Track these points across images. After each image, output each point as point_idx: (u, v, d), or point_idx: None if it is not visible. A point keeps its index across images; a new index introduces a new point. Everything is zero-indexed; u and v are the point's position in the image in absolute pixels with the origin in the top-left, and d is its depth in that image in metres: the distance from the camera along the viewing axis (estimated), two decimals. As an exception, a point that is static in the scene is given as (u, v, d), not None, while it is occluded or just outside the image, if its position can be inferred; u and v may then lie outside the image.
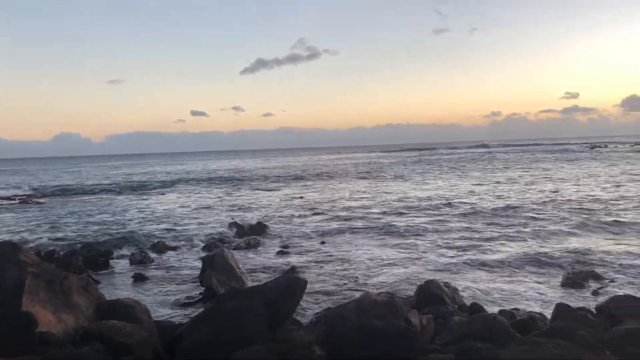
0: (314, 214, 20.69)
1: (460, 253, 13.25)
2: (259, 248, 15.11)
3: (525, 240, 14.57)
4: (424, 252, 13.58)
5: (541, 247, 13.67)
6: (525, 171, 43.57)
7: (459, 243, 14.45)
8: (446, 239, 15.13)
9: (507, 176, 38.60)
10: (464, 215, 19.60)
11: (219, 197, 30.64)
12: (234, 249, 14.38)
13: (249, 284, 10.98)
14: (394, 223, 18.15)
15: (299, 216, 20.73)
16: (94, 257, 13.46)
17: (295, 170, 58.44)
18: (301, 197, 27.85)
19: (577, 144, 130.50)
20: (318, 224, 18.50)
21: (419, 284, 8.53)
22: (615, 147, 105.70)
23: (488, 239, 14.83)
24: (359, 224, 18.22)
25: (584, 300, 9.37)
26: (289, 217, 20.52)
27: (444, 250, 13.60)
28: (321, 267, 12.44)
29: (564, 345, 4.73)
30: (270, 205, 25.39)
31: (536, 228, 16.25)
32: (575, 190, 27.02)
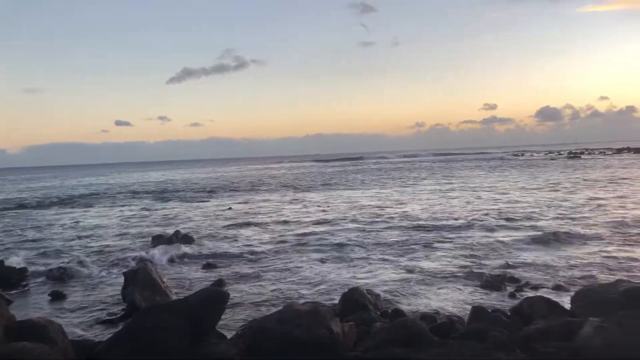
0: (243, 226, 20.48)
1: (388, 260, 13.52)
2: (185, 261, 14.79)
3: (450, 245, 15.08)
4: (355, 260, 13.75)
5: (464, 251, 14.18)
6: (451, 179, 45.21)
7: (388, 251, 14.75)
8: (377, 247, 15.39)
9: (434, 184, 39.90)
10: (394, 222, 20.05)
11: (143, 210, 29.76)
12: (158, 263, 14.01)
13: (174, 298, 10.72)
14: (326, 234, 18.29)
15: (228, 228, 20.47)
16: (6, 274, 12.69)
17: (224, 181, 57.73)
18: (230, 209, 27.52)
19: (503, 152, 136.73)
20: (247, 236, 18.34)
21: (344, 291, 8.65)
22: (531, 155, 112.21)
23: (415, 246, 15.23)
24: (290, 235, 18.21)
25: (501, 302, 9.80)
26: (217, 229, 20.22)
27: (373, 259, 13.82)
28: (250, 279, 12.34)
29: (476, 347, 4.94)
30: (198, 217, 24.95)
31: (461, 234, 16.86)
32: (497, 196, 28.32)
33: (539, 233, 16.28)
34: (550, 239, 15.21)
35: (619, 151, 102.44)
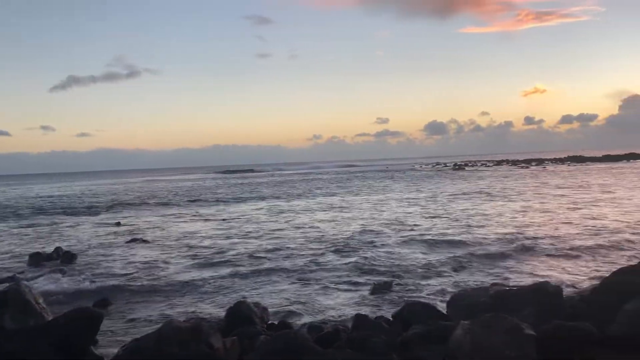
0: (132, 242, 19.55)
1: (283, 272, 13.50)
2: (64, 279, 13.84)
3: (343, 254, 15.36)
4: (245, 272, 13.59)
5: (356, 259, 14.50)
6: (349, 190, 46.28)
7: (285, 263, 14.73)
8: (274, 259, 15.31)
9: (334, 195, 40.61)
10: (290, 234, 20.13)
11: (21, 225, 27.57)
12: (34, 283, 12.99)
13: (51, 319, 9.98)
14: (218, 246, 17.99)
15: (115, 245, 19.46)
16: None
17: (113, 195, 55.00)
18: (118, 224, 26.24)
19: (398, 163, 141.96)
20: (136, 253, 17.54)
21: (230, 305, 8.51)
22: (421, 166, 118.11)
23: (310, 256, 15.34)
24: (184, 250, 17.67)
25: (388, 307, 10.09)
26: (104, 246, 19.17)
27: (270, 271, 13.74)
28: (138, 295, 11.79)
29: (353, 356, 5.05)
30: (82, 233, 23.53)
31: (354, 242, 17.25)
32: (396, 206, 29.42)
33: (428, 239, 17.11)
34: (436, 245, 16.01)
35: (499, 163, 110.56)
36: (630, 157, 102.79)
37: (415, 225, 21.03)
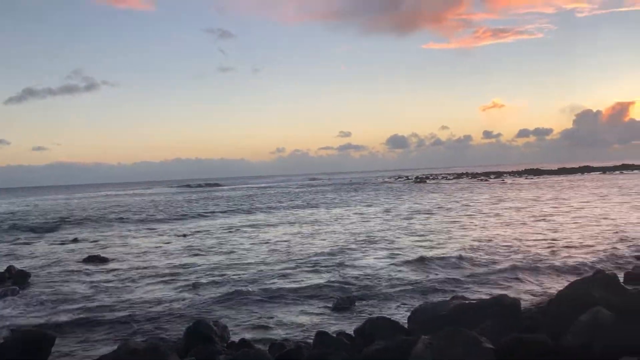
0: (88, 260, 18.98)
1: (242, 289, 13.31)
2: (16, 299, 13.32)
3: (308, 269, 15.28)
4: (206, 290, 13.36)
5: (321, 274, 14.46)
6: (314, 204, 46.28)
7: (245, 276, 14.56)
8: (230, 275, 15.11)
9: (301, 209, 40.51)
10: (253, 250, 19.95)
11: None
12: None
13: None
14: (178, 263, 17.67)
15: (71, 262, 18.88)
16: None
17: (70, 210, 53.49)
18: (75, 240, 25.50)
19: (360, 176, 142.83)
20: (92, 270, 17.05)
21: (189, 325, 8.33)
22: (383, 179, 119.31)
23: (272, 272, 15.21)
24: (141, 267, 17.28)
25: (351, 323, 10.06)
26: (59, 264, 18.57)
27: (226, 287, 13.53)
28: (93, 316, 11.42)
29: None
30: (37, 251, 22.75)
31: (318, 258, 17.19)
32: (360, 220, 29.55)
33: (392, 253, 17.23)
34: (400, 260, 16.09)
35: (460, 176, 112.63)
36: (585, 170, 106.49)
37: (379, 239, 21.15)
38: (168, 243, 23.20)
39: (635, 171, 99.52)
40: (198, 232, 27.27)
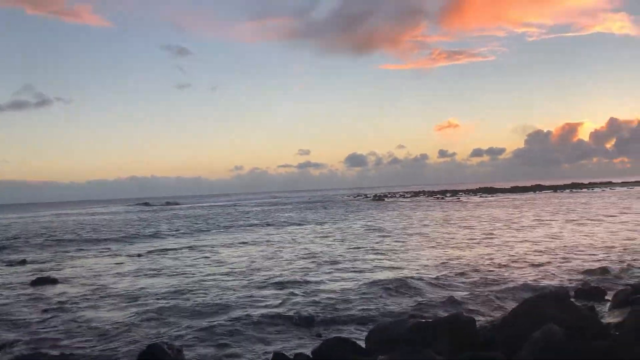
0: (38, 282, 18.21)
1: (197, 308, 13.06)
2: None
3: (267, 289, 15.11)
4: (161, 311, 13.02)
5: (281, 294, 14.32)
6: (273, 223, 46.00)
7: (205, 299, 14.28)
8: (186, 296, 14.81)
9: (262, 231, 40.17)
10: (205, 270, 19.63)
11: None
12: None
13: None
14: (132, 284, 17.21)
15: (19, 284, 18.12)
16: None
17: (19, 230, 51.51)
18: (23, 262, 24.52)
19: (320, 195, 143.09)
20: (42, 293, 16.40)
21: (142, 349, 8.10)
22: (343, 197, 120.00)
23: (230, 292, 14.99)
24: (94, 289, 16.74)
25: (309, 343, 9.97)
26: (6, 286, 17.77)
27: (177, 308, 13.24)
28: (43, 341, 10.95)
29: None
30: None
31: (278, 277, 17.04)
32: (319, 239, 29.50)
33: (352, 273, 17.26)
34: (359, 279, 16.11)
35: (417, 194, 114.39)
36: (537, 188, 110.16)
37: (338, 258, 21.15)
38: (122, 264, 22.58)
39: (584, 190, 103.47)
40: (153, 252, 26.65)
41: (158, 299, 14.66)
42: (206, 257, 23.44)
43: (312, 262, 20.33)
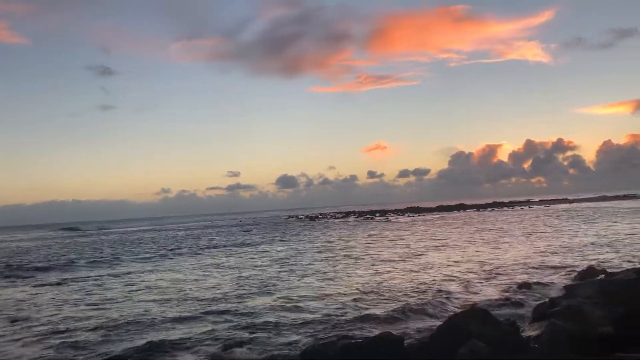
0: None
1: (118, 338, 12.51)
2: None
3: (193, 315, 14.69)
4: (80, 344, 12.37)
5: (207, 321, 13.96)
6: (202, 247, 44.95)
7: (120, 328, 13.68)
8: (109, 328, 14.14)
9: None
10: (138, 297, 18.88)
11: None
12: None
13: None
14: (50, 317, 16.28)
15: None
16: None
17: None
18: None
19: (251, 216, 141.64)
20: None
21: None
22: (274, 219, 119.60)
23: (156, 323, 14.46)
24: (6, 322, 15.69)
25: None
26: None
27: (99, 342, 12.64)
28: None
29: None
30: None
31: (206, 303, 16.62)
32: (250, 263, 29.08)
33: (282, 295, 17.11)
34: (289, 303, 15.98)
35: (347, 214, 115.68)
36: (460, 207, 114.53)
37: (268, 281, 20.92)
38: (37, 294, 21.26)
39: (505, 208, 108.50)
40: (72, 280, 25.29)
41: (74, 332, 13.90)
42: (133, 285, 22.49)
43: (242, 286, 19.97)
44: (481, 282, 17.85)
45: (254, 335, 12.21)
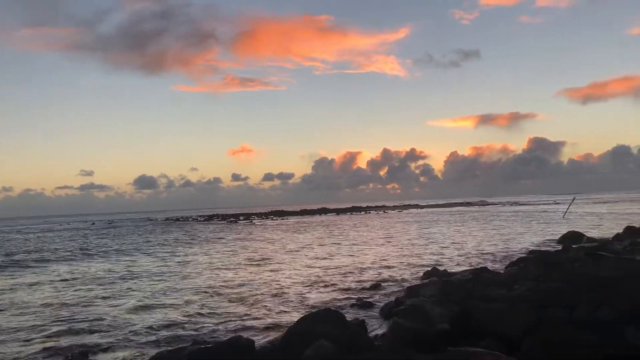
0: None
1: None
2: None
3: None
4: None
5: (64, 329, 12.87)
6: (47, 254, 41.35)
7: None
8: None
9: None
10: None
11: None
12: None
13: None
14: None
15: None
16: None
17: None
18: None
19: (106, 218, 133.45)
20: None
21: None
22: (131, 221, 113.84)
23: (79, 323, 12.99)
24: None
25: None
26: None
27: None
28: None
29: None
30: None
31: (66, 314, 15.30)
32: (100, 271, 27.21)
33: (137, 304, 16.26)
34: (147, 307, 15.30)
35: (210, 218, 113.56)
36: (322, 211, 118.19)
37: (120, 285, 19.85)
38: None
39: (362, 212, 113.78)
40: None
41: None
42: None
43: (107, 296, 18.72)
44: (335, 284, 18.39)
45: (100, 341, 11.48)
